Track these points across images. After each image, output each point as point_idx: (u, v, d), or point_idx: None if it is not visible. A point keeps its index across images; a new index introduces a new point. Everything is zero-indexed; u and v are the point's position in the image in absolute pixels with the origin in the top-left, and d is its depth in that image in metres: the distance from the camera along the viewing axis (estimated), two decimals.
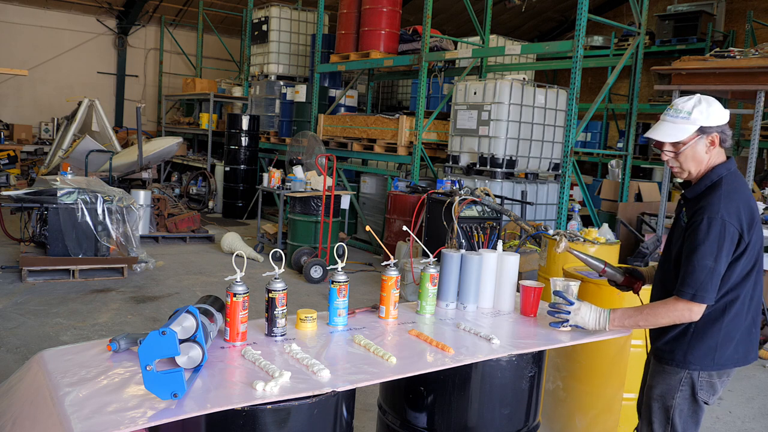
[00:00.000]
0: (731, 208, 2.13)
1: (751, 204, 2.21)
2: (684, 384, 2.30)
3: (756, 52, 6.10)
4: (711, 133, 2.21)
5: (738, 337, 2.27)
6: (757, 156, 6.19)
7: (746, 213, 2.16)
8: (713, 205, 2.14)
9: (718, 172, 2.23)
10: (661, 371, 2.35)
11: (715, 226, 2.11)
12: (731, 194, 2.17)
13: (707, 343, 2.24)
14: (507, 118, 7.18)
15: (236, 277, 2.13)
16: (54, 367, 1.89)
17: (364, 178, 9.42)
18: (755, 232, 2.19)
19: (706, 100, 2.22)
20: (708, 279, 2.12)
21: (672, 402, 2.31)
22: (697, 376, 2.28)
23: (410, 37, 9.64)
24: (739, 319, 2.26)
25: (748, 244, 2.17)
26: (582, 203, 8.23)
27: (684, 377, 2.30)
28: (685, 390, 2.30)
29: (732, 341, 2.26)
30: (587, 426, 3.37)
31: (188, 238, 8.68)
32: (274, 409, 1.75)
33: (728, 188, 2.18)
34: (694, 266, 2.13)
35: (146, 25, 16.77)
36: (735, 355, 2.28)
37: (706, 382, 2.29)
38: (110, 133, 11.26)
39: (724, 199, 2.14)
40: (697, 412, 2.33)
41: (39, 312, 5.33)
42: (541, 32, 17.65)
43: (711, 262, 2.12)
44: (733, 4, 13.07)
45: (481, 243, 5.93)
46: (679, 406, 2.31)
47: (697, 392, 2.29)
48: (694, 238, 2.15)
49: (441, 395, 2.31)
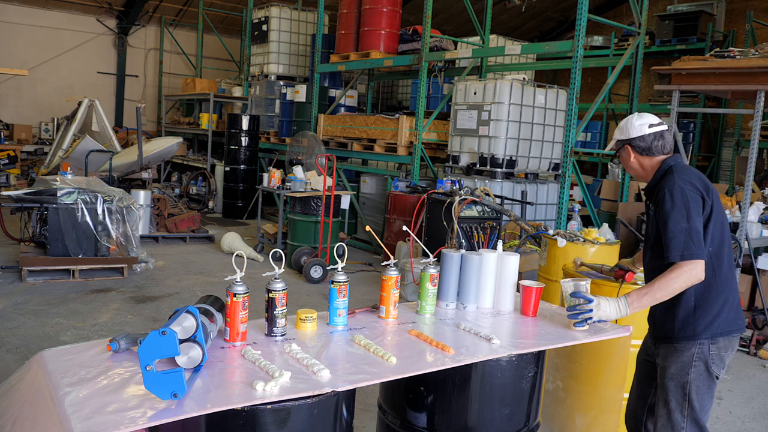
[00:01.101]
0: (685, 178, 2.40)
1: (703, 177, 2.47)
2: (697, 358, 2.42)
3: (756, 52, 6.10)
4: (623, 144, 2.59)
5: (731, 300, 2.45)
6: (757, 156, 6.19)
7: (701, 182, 2.42)
8: (669, 180, 2.41)
9: (667, 163, 2.52)
10: (673, 351, 2.46)
11: (676, 193, 2.36)
12: (683, 171, 2.45)
13: (710, 311, 2.41)
14: (507, 118, 7.18)
15: (236, 277, 2.13)
16: (54, 367, 1.89)
17: (364, 178, 9.42)
18: (714, 198, 2.41)
19: (629, 116, 2.60)
20: (688, 237, 2.31)
21: (687, 378, 2.42)
22: (708, 348, 2.41)
23: (410, 37, 9.64)
24: (729, 284, 2.45)
25: (712, 208, 2.39)
26: (582, 203, 8.23)
27: (696, 352, 2.42)
28: (698, 364, 2.42)
29: (729, 306, 2.44)
30: (587, 426, 3.37)
31: (188, 238, 8.68)
32: (274, 409, 1.75)
33: (678, 168, 2.46)
34: (672, 231, 2.33)
35: (146, 25, 16.77)
36: (737, 320, 2.45)
37: (717, 354, 2.42)
38: (110, 133, 11.26)
39: (678, 174, 2.42)
40: (711, 387, 2.45)
41: (39, 312, 5.33)
42: (541, 32, 17.65)
43: (684, 222, 2.32)
44: (733, 4, 13.07)
45: (481, 243, 5.93)
46: (694, 381, 2.42)
47: (710, 366, 2.41)
48: (662, 211, 2.37)
49: (441, 395, 2.31)
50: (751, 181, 6.08)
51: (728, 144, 11.95)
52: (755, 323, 5.80)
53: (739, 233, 5.95)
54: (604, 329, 2.55)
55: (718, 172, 12.11)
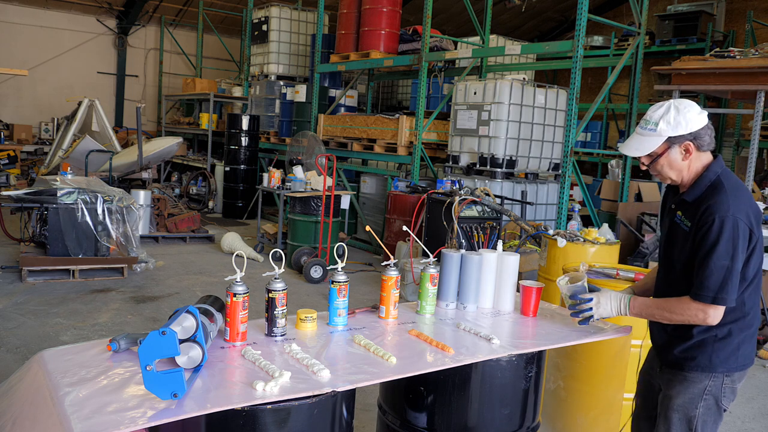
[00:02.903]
0: (740, 205, 2.07)
1: (753, 200, 2.16)
2: (708, 393, 2.21)
3: (756, 52, 6.10)
4: (682, 141, 2.16)
5: (754, 333, 2.24)
6: (757, 156, 6.19)
7: (753, 209, 2.12)
8: (722, 204, 2.07)
9: (714, 171, 2.17)
10: (682, 380, 2.24)
11: (727, 226, 2.04)
12: (736, 192, 2.11)
13: (732, 344, 2.18)
14: (507, 118, 7.18)
15: (236, 277, 2.13)
16: (54, 367, 1.89)
17: (364, 178, 9.42)
18: (761, 226, 2.15)
19: (675, 108, 2.15)
20: (727, 279, 2.05)
21: (695, 412, 2.21)
22: (721, 382, 2.20)
23: (410, 37, 9.64)
24: (756, 316, 2.23)
25: (758, 240, 2.11)
26: (582, 203, 8.23)
27: (708, 385, 2.20)
28: (709, 398, 2.21)
29: (751, 338, 2.22)
30: (588, 426, 3.37)
31: (188, 238, 8.68)
32: (274, 409, 1.75)
33: (730, 186, 2.13)
34: (711, 269, 2.06)
35: (146, 25, 16.77)
36: (751, 352, 2.25)
37: (729, 388, 2.22)
38: (110, 133, 11.26)
39: (732, 198, 2.08)
40: (717, 421, 2.25)
41: (39, 312, 5.33)
42: (541, 32, 17.65)
43: (728, 261, 2.05)
44: (733, 4, 13.07)
45: (481, 243, 5.93)
46: (702, 416, 2.21)
47: (721, 400, 2.22)
48: (707, 240, 2.07)
49: (441, 395, 2.31)
50: (751, 181, 6.09)
51: (728, 144, 11.94)
52: None
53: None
54: (604, 329, 2.55)
55: None
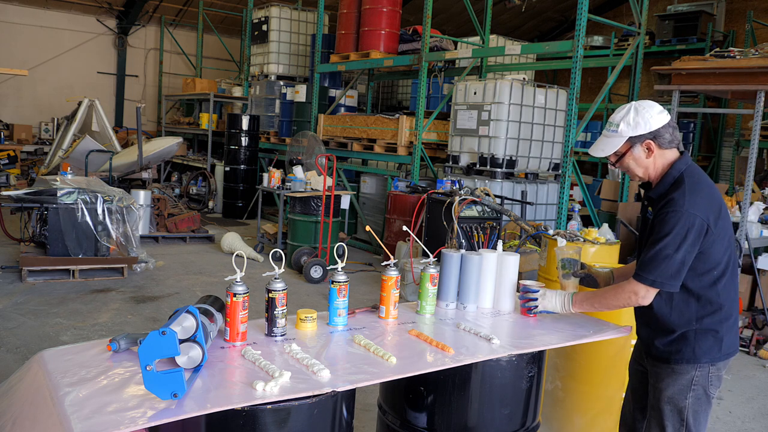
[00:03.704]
0: (697, 201, 2.17)
1: (715, 195, 2.24)
2: (696, 383, 2.28)
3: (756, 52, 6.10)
4: (643, 140, 2.26)
5: (734, 323, 2.32)
6: (757, 156, 6.19)
7: (713, 205, 2.20)
8: (679, 199, 2.17)
9: (678, 168, 2.26)
10: (670, 372, 2.31)
11: (681, 221, 2.15)
12: (695, 188, 2.20)
13: (712, 335, 2.26)
14: (507, 118, 7.18)
15: (236, 277, 2.13)
16: (54, 367, 1.89)
17: (364, 178, 9.42)
18: (723, 221, 2.23)
19: (635, 109, 2.26)
20: (668, 267, 2.16)
21: (685, 402, 2.29)
22: (707, 372, 2.28)
23: (410, 37, 9.64)
24: (733, 304, 2.31)
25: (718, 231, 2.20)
26: (582, 203, 8.23)
27: (695, 376, 2.28)
28: (697, 388, 2.28)
29: (731, 329, 2.30)
30: (586, 426, 3.37)
31: (188, 238, 8.68)
32: (274, 409, 1.75)
33: (691, 182, 2.22)
34: (654, 254, 2.18)
35: (146, 25, 16.76)
36: (735, 341, 2.33)
37: (716, 376, 2.30)
38: (110, 133, 11.26)
39: (689, 194, 2.18)
40: (707, 409, 2.34)
41: (39, 312, 5.33)
42: (541, 32, 17.64)
43: (672, 251, 2.15)
44: (733, 4, 13.07)
45: (481, 243, 5.93)
46: (692, 405, 2.29)
47: (708, 388, 2.30)
48: (660, 230, 2.19)
49: (441, 395, 2.31)
50: (751, 181, 6.08)
51: (728, 144, 11.94)
52: (755, 323, 5.79)
53: (739, 233, 5.94)
54: (604, 329, 2.55)
55: (718, 172, 12.11)
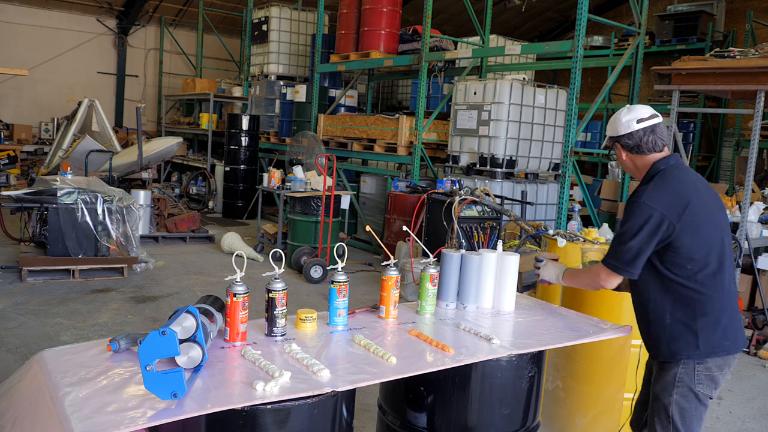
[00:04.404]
0: (656, 195, 2.27)
1: (683, 192, 2.29)
2: (680, 380, 2.29)
3: (756, 52, 6.10)
4: (613, 142, 2.46)
5: (723, 322, 2.29)
6: (757, 156, 6.18)
7: (676, 200, 2.26)
8: (640, 193, 2.31)
9: (656, 167, 2.38)
10: (659, 368, 2.38)
11: (638, 210, 2.27)
12: (660, 183, 2.31)
13: (687, 329, 2.29)
14: (507, 118, 7.17)
15: (236, 277, 2.13)
16: (54, 367, 1.89)
17: (364, 178, 9.42)
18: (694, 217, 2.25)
19: (618, 112, 2.44)
20: (622, 253, 2.30)
21: (669, 399, 2.31)
22: (692, 369, 2.28)
23: (410, 37, 9.64)
24: (713, 305, 2.28)
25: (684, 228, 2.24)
26: (582, 203, 8.23)
27: (678, 372, 2.30)
28: (681, 386, 2.29)
29: (717, 325, 2.27)
30: (587, 426, 3.37)
31: (188, 238, 8.68)
32: (274, 409, 1.75)
33: (660, 178, 2.33)
34: (614, 240, 2.37)
35: (146, 25, 16.76)
36: (725, 342, 2.29)
37: (705, 375, 2.28)
38: (110, 133, 11.25)
39: (652, 188, 2.30)
40: (699, 409, 2.31)
41: (39, 312, 5.33)
42: (541, 32, 17.64)
43: (628, 238, 2.28)
44: (733, 4, 13.06)
45: (481, 243, 5.93)
46: (677, 403, 2.29)
47: (695, 386, 2.29)
48: (623, 219, 2.35)
49: (441, 395, 2.31)
50: (751, 181, 6.08)
51: (728, 144, 11.94)
52: (755, 323, 5.79)
53: (739, 233, 5.94)
54: (604, 329, 2.55)
55: (718, 172, 12.11)
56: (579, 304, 3.19)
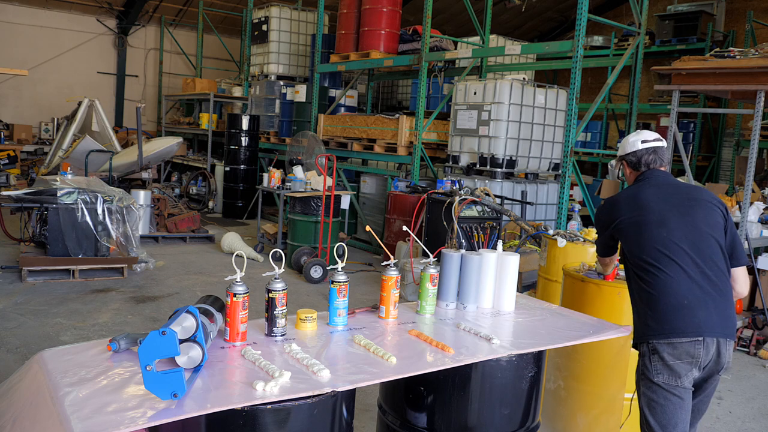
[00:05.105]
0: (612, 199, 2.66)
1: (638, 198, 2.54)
2: (641, 372, 2.43)
3: (756, 52, 6.10)
4: (621, 160, 2.75)
5: (664, 306, 2.36)
6: (757, 156, 6.18)
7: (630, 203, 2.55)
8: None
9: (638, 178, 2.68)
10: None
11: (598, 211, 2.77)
12: (622, 191, 2.68)
13: (639, 316, 2.48)
14: (507, 118, 7.18)
15: (236, 277, 2.13)
16: (54, 367, 1.89)
17: (364, 178, 9.42)
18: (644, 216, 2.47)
19: (628, 135, 2.77)
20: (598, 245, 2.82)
21: (639, 392, 2.45)
22: (648, 358, 2.38)
23: (410, 37, 9.64)
24: (663, 296, 2.37)
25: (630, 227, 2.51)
26: (582, 203, 8.23)
27: (639, 364, 2.45)
28: (644, 378, 2.42)
29: (660, 312, 2.36)
30: (589, 425, 3.36)
31: (188, 238, 8.68)
32: (274, 409, 1.75)
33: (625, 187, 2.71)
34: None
35: (146, 25, 16.76)
36: (660, 325, 2.36)
37: (661, 365, 2.35)
38: (110, 133, 11.25)
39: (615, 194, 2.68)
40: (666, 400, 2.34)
41: (39, 312, 5.33)
42: (541, 32, 17.64)
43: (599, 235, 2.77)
44: (733, 4, 13.06)
45: (481, 243, 5.93)
46: (644, 394, 2.42)
47: (654, 377, 2.36)
48: None
49: (441, 395, 2.31)
50: (751, 181, 6.07)
51: (728, 144, 11.94)
52: (755, 323, 5.79)
53: (739, 233, 5.94)
54: (605, 329, 2.55)
55: (718, 172, 12.11)
56: (579, 304, 3.19)
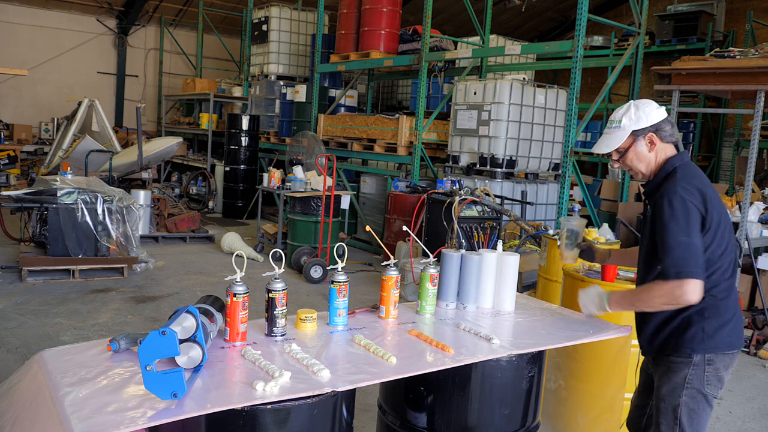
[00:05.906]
0: (688, 187, 2.20)
1: (706, 185, 2.26)
2: (690, 380, 2.27)
3: (756, 52, 6.10)
4: (645, 133, 2.33)
5: (732, 318, 2.28)
6: (757, 156, 6.18)
7: (707, 192, 2.22)
8: (670, 187, 2.21)
9: (671, 163, 2.32)
10: (666, 370, 2.33)
11: (675, 204, 2.16)
12: (686, 176, 2.25)
13: (706, 329, 2.24)
14: (507, 118, 7.18)
15: (236, 277, 2.13)
16: (54, 367, 1.89)
17: (364, 178, 9.42)
18: (716, 214, 2.21)
19: (635, 105, 2.36)
20: (687, 253, 2.12)
21: (678, 401, 2.28)
22: (702, 370, 2.26)
23: (410, 37, 9.64)
24: (728, 304, 2.28)
25: (712, 224, 2.20)
26: (582, 203, 8.23)
27: (689, 374, 2.27)
28: (691, 386, 2.27)
29: (729, 324, 2.27)
30: (589, 425, 3.37)
31: (188, 238, 8.68)
32: (274, 409, 1.75)
33: (682, 173, 2.27)
34: (669, 245, 2.15)
35: (146, 25, 16.76)
36: (737, 338, 2.30)
37: (714, 376, 2.27)
38: (110, 133, 11.26)
39: (680, 181, 2.23)
40: (706, 410, 2.30)
41: (39, 312, 5.33)
42: (541, 32, 17.64)
43: (684, 237, 2.14)
44: (733, 4, 13.06)
45: (481, 243, 5.93)
46: (686, 404, 2.27)
47: (704, 387, 2.27)
48: (660, 220, 2.19)
49: (441, 395, 2.31)
50: (751, 181, 6.08)
51: (728, 144, 11.94)
52: (755, 323, 5.79)
53: (739, 233, 5.94)
54: (605, 329, 2.55)
55: (718, 172, 12.11)
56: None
